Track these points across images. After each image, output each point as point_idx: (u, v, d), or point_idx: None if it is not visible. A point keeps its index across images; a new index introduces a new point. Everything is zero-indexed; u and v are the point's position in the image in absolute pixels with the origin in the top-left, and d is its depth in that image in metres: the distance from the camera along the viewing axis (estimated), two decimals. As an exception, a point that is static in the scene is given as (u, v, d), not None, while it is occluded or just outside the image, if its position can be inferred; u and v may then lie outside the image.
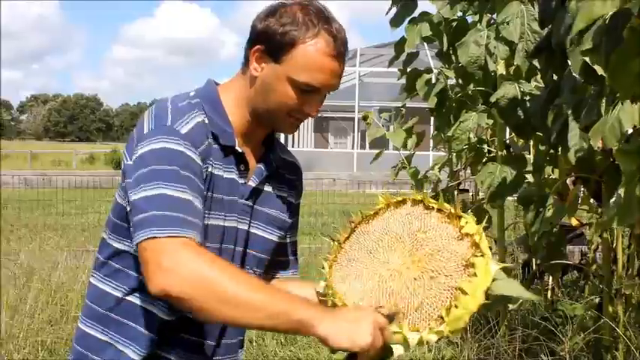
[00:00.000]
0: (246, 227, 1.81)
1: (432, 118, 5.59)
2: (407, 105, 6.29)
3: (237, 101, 1.78)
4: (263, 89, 1.73)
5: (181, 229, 1.52)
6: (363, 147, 29.21)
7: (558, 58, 3.11)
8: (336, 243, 1.67)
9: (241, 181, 1.78)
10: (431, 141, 6.14)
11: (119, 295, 1.75)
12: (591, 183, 3.74)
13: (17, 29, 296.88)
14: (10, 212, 13.87)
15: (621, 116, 2.37)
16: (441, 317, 1.45)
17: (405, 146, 6.05)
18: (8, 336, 4.79)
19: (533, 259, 5.49)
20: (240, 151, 1.75)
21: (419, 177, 5.95)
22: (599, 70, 2.65)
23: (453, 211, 1.57)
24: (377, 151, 6.58)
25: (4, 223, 10.29)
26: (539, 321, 4.70)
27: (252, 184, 1.81)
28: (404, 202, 1.65)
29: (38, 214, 14.02)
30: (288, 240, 2.00)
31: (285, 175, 1.94)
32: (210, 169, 1.69)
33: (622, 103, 2.38)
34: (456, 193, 6.04)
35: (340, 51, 1.72)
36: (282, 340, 4.96)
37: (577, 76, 2.89)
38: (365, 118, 6.34)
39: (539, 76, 4.31)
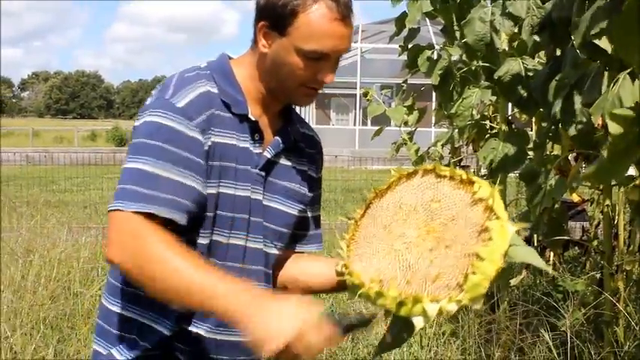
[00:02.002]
0: (260, 197, 1.79)
1: (434, 94, 5.58)
2: (408, 81, 6.27)
3: (250, 76, 1.79)
4: (274, 65, 1.73)
5: (146, 204, 1.56)
6: (365, 124, 29.18)
7: (560, 33, 3.09)
8: (352, 221, 1.64)
9: (256, 150, 1.78)
10: (433, 117, 6.11)
11: None
12: (592, 159, 3.74)
13: (18, 7, 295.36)
14: (11, 189, 13.88)
15: (621, 93, 2.36)
16: (460, 285, 1.41)
17: (404, 123, 6.04)
18: (11, 312, 4.82)
19: (535, 235, 5.50)
20: (253, 119, 1.75)
21: (420, 153, 5.95)
22: (603, 45, 2.64)
23: (465, 176, 1.54)
24: (379, 127, 6.56)
25: (5, 199, 10.30)
26: (541, 296, 4.72)
27: (267, 155, 1.81)
28: (415, 173, 1.62)
29: (40, 191, 14.04)
30: (309, 214, 2.00)
31: (305, 149, 1.94)
32: (213, 139, 1.69)
33: (631, 78, 2.37)
34: (457, 169, 6.05)
35: (344, 13, 1.70)
36: None
37: (579, 51, 2.88)
38: (365, 94, 6.33)
39: (542, 52, 4.30)
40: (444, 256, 1.45)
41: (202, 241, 1.72)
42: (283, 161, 1.86)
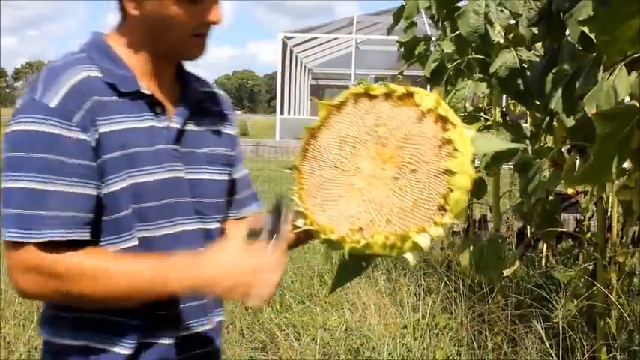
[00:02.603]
0: (181, 175, 1.61)
1: (429, 87, 5.58)
2: (404, 73, 6.28)
3: (131, 47, 1.60)
4: (153, 25, 1.55)
5: (42, 231, 1.42)
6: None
7: (557, 25, 3.10)
8: (294, 171, 1.49)
9: (162, 125, 1.59)
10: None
11: None
12: (586, 151, 3.75)
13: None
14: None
15: (617, 84, 2.37)
16: (442, 207, 1.33)
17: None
18: (4, 302, 4.81)
19: (528, 227, 5.51)
20: (148, 92, 1.57)
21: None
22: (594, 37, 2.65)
23: (401, 90, 1.41)
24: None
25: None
26: (533, 288, 4.74)
27: (175, 125, 1.62)
28: (345, 101, 1.48)
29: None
30: (238, 175, 1.84)
31: (212, 108, 1.77)
32: (102, 130, 1.49)
33: (616, 70, 2.39)
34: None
35: None
36: (278, 307, 5.00)
37: (575, 43, 2.89)
38: (360, 83, 6.34)
39: (538, 44, 4.31)
40: (413, 181, 1.36)
41: (128, 244, 1.53)
42: (194, 127, 1.67)
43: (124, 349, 1.56)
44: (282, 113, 27.57)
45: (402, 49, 5.53)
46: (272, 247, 1.45)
